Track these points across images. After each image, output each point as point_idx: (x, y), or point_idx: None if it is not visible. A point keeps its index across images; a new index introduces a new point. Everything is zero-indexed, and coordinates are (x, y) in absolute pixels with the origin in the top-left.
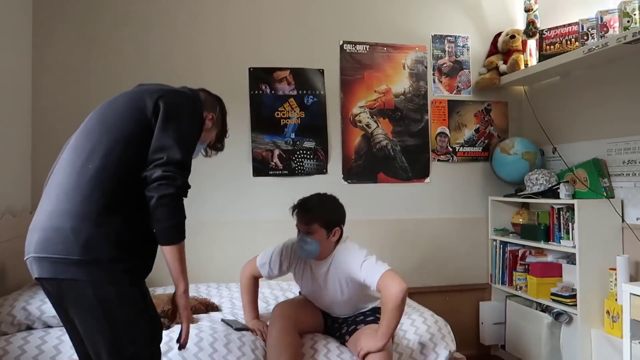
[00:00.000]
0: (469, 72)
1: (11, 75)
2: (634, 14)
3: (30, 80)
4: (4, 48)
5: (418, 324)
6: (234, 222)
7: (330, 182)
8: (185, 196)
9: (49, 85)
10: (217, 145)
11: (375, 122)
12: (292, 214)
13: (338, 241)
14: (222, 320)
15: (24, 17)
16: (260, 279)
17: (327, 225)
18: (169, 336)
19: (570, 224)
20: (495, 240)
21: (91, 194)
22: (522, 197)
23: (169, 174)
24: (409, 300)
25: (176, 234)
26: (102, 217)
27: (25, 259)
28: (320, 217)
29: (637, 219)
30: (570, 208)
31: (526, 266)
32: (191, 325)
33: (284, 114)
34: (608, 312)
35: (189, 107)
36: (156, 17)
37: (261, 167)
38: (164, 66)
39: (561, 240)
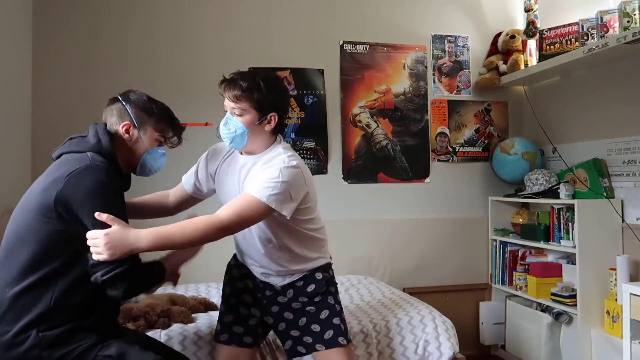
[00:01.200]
0: (469, 72)
1: (11, 75)
2: (634, 14)
3: (30, 80)
4: (4, 48)
5: (427, 322)
6: None
7: (330, 182)
8: (137, 271)
9: (49, 85)
10: (171, 131)
11: (375, 122)
12: (219, 87)
13: (275, 134)
14: None
15: (24, 17)
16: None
17: (260, 106)
18: (168, 335)
19: (570, 224)
20: (495, 240)
21: (9, 322)
22: (522, 197)
23: (109, 277)
24: (418, 298)
25: (152, 287)
26: (17, 338)
27: None
28: (253, 94)
29: (637, 219)
30: (570, 208)
31: (526, 266)
32: (190, 325)
33: None
34: (608, 312)
35: (90, 186)
36: (157, 17)
37: None
38: (165, 66)
39: (561, 240)
